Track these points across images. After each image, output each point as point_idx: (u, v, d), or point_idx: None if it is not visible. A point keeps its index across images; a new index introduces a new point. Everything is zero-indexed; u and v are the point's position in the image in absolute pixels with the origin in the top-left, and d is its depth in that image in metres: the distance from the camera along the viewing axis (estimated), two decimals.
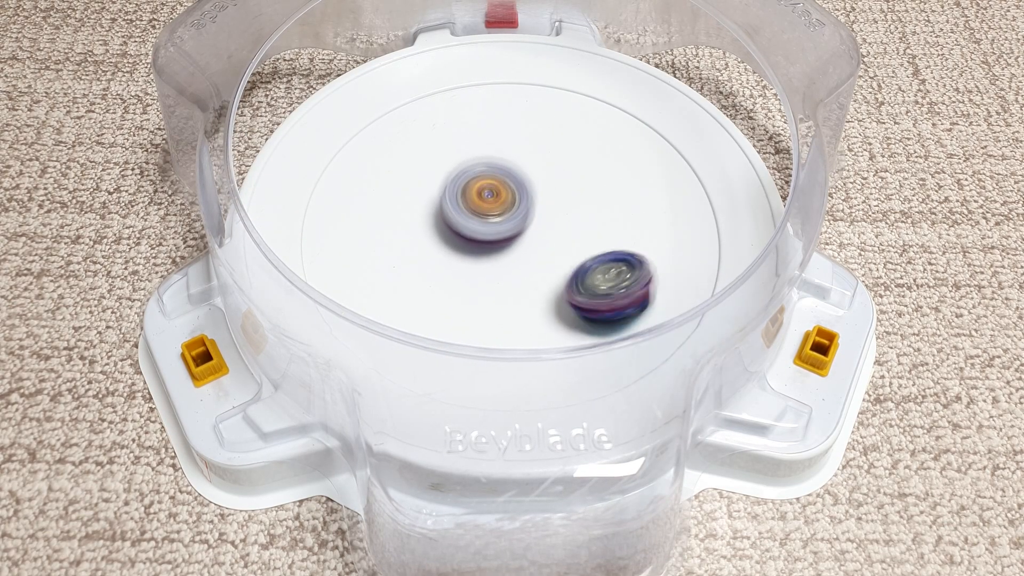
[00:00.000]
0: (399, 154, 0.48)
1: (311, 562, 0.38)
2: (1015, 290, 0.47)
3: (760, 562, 0.39)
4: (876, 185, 0.51)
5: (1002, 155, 0.53)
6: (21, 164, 0.52)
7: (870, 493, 0.40)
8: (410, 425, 0.36)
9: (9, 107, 0.54)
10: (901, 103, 0.55)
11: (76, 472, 0.41)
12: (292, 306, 0.38)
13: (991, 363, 0.45)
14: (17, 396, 0.43)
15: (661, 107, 0.50)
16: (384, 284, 0.43)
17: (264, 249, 0.38)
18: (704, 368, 0.37)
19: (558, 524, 0.35)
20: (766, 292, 0.40)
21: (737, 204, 0.45)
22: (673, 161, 0.48)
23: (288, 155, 0.47)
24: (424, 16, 0.53)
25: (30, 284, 0.47)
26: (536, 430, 0.36)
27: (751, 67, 0.57)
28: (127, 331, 0.45)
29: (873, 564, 0.38)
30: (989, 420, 0.43)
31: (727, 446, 0.39)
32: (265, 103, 0.55)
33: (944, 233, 0.49)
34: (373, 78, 0.51)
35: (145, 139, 0.53)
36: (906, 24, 0.60)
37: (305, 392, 0.39)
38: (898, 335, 0.45)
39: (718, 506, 0.40)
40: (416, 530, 0.35)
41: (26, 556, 0.38)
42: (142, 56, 0.57)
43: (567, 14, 0.54)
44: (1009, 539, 0.39)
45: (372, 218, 0.45)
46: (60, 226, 0.49)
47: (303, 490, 0.40)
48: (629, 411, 0.37)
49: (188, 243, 0.48)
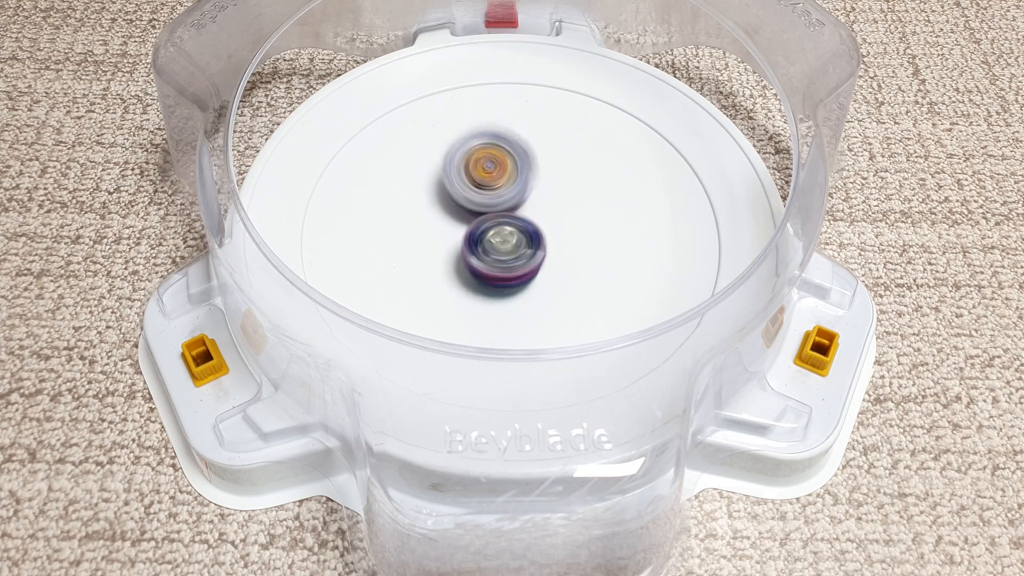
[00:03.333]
0: (399, 154, 0.48)
1: (311, 562, 0.38)
2: (1015, 290, 0.47)
3: (760, 562, 0.39)
4: (876, 185, 0.51)
5: (1002, 155, 0.53)
6: (21, 164, 0.52)
7: (870, 493, 0.40)
8: (410, 425, 0.36)
9: (9, 107, 0.54)
10: (901, 103, 0.55)
11: (76, 472, 0.41)
12: (292, 306, 0.38)
13: (991, 363, 0.45)
14: (17, 396, 0.43)
15: (661, 107, 0.50)
16: (384, 284, 0.43)
17: (264, 249, 0.38)
18: (704, 368, 0.37)
19: (558, 524, 0.35)
20: (766, 292, 0.40)
21: (737, 204, 0.45)
22: (673, 161, 0.48)
23: (288, 155, 0.47)
24: (424, 16, 0.53)
25: (30, 284, 0.47)
26: (536, 430, 0.36)
27: (751, 67, 0.57)
28: (127, 331, 0.45)
29: (873, 564, 0.38)
30: (989, 420, 0.43)
31: (727, 446, 0.39)
32: (265, 103, 0.55)
33: (944, 233, 0.49)
34: (373, 78, 0.51)
35: (145, 139, 0.53)
36: (906, 24, 0.60)
37: (305, 392, 0.39)
38: (898, 335, 0.45)
39: (718, 506, 0.40)
40: (416, 530, 0.35)
41: (26, 556, 0.38)
42: (142, 56, 0.57)
43: (567, 14, 0.54)
44: (1009, 539, 0.39)
45: (372, 218, 0.45)
46: (60, 226, 0.49)
47: (303, 490, 0.40)
48: (629, 411, 0.37)
49: (188, 243, 0.48)
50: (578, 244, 0.44)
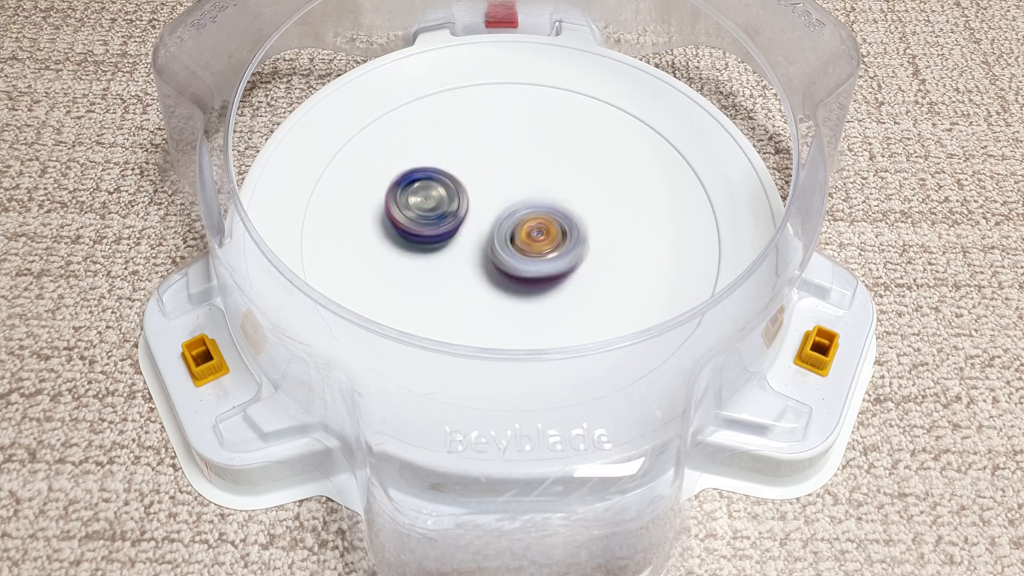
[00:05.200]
0: (399, 154, 0.48)
1: (311, 562, 0.38)
2: (1015, 290, 0.47)
3: (760, 562, 0.39)
4: (876, 185, 0.51)
5: (1002, 155, 0.53)
6: (21, 164, 0.52)
7: (870, 493, 0.40)
8: (410, 425, 0.36)
9: (9, 107, 0.54)
10: (901, 103, 0.55)
11: (76, 472, 0.41)
12: (292, 306, 0.38)
13: (991, 363, 0.45)
14: (17, 396, 0.43)
15: (661, 107, 0.50)
16: (384, 284, 0.43)
17: (264, 249, 0.38)
18: (704, 368, 0.37)
19: (558, 524, 0.35)
20: (766, 292, 0.40)
21: (737, 204, 0.45)
22: (673, 161, 0.48)
23: (288, 155, 0.47)
24: (424, 16, 0.53)
25: (30, 284, 0.47)
26: (536, 430, 0.36)
27: (751, 67, 0.57)
28: (127, 331, 0.45)
29: (873, 564, 0.38)
30: (989, 420, 0.43)
31: (727, 446, 0.39)
32: (265, 103, 0.55)
33: (944, 233, 0.49)
34: (373, 78, 0.51)
35: (145, 139, 0.53)
36: (906, 24, 0.60)
37: (305, 392, 0.39)
38: (898, 335, 0.45)
39: (718, 506, 0.40)
40: (416, 530, 0.35)
41: (26, 556, 0.38)
42: (142, 56, 0.57)
43: (567, 14, 0.54)
44: (1009, 539, 0.39)
45: (372, 218, 0.45)
46: (60, 226, 0.49)
47: (303, 490, 0.40)
48: (629, 411, 0.37)
49: (188, 243, 0.48)
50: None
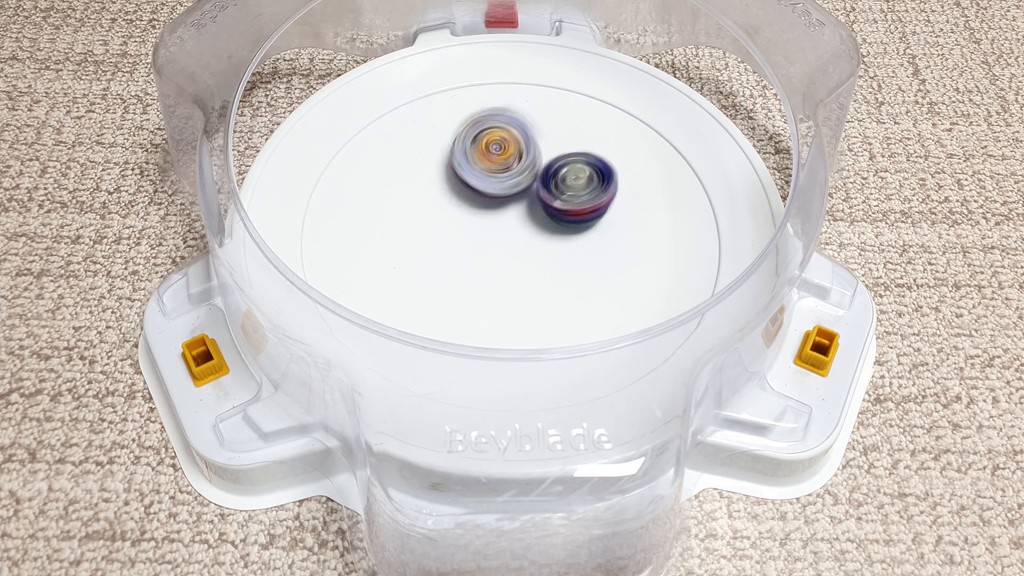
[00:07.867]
0: (399, 154, 0.48)
1: (311, 562, 0.38)
2: (1015, 290, 0.47)
3: (760, 562, 0.39)
4: (876, 185, 0.51)
5: (1002, 155, 0.53)
6: (21, 164, 0.52)
7: (870, 493, 0.40)
8: (410, 425, 0.36)
9: (9, 107, 0.54)
10: (901, 103, 0.55)
11: (76, 472, 0.41)
12: (292, 306, 0.38)
13: (991, 363, 0.45)
14: (17, 396, 0.43)
15: (661, 107, 0.50)
16: (384, 284, 0.43)
17: (264, 249, 0.38)
18: (704, 368, 0.37)
19: (558, 524, 0.35)
20: (766, 292, 0.40)
21: (737, 204, 0.45)
22: (673, 161, 0.48)
23: (288, 155, 0.47)
24: (424, 16, 0.53)
25: (30, 284, 0.47)
26: (536, 430, 0.36)
27: (751, 67, 0.57)
28: (127, 331, 0.45)
29: (873, 564, 0.38)
30: (989, 420, 0.43)
31: (727, 446, 0.39)
32: (265, 103, 0.55)
33: (944, 233, 0.49)
34: (373, 78, 0.51)
35: (145, 139, 0.53)
36: (906, 24, 0.60)
37: (305, 392, 0.39)
38: (898, 335, 0.45)
39: (718, 506, 0.40)
40: (416, 530, 0.35)
41: (26, 556, 0.38)
42: (142, 56, 0.57)
43: (567, 14, 0.54)
44: (1009, 539, 0.39)
45: (372, 218, 0.45)
46: (60, 226, 0.49)
47: (303, 490, 0.40)
48: (629, 411, 0.37)
49: (188, 243, 0.48)
50: (578, 244, 0.44)
